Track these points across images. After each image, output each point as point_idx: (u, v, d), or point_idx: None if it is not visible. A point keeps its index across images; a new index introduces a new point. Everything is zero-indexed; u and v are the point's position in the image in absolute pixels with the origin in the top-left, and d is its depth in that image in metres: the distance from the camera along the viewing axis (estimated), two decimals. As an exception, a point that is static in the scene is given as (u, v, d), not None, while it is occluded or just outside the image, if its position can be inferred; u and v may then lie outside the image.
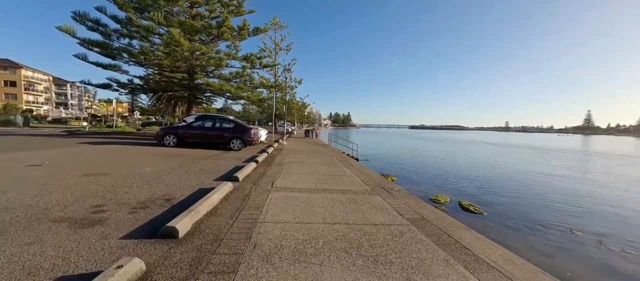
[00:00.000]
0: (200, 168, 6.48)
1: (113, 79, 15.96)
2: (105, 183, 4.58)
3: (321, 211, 3.79)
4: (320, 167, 8.07)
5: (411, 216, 3.82)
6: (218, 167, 6.90)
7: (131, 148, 10.05)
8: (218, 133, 10.97)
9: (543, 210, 8.05)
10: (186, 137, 10.80)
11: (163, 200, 3.80)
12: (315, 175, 6.55)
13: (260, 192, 4.68)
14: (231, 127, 11.17)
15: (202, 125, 11.06)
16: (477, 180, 12.56)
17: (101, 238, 2.53)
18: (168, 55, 13.78)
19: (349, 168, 8.20)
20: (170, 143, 10.69)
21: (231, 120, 11.35)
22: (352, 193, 4.99)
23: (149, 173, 5.57)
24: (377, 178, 6.78)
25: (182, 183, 4.93)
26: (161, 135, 10.75)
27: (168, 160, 7.45)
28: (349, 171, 7.55)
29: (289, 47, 38.22)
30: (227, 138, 10.92)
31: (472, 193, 9.83)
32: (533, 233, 6.07)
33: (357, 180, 6.34)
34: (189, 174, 5.75)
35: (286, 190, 4.89)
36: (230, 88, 15.34)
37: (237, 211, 3.58)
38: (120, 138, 14.60)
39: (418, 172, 14.47)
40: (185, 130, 10.86)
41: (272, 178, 5.92)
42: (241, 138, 11.00)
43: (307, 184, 5.50)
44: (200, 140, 10.90)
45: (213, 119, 11.18)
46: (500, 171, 15.72)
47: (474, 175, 13.91)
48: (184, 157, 8.33)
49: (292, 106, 43.05)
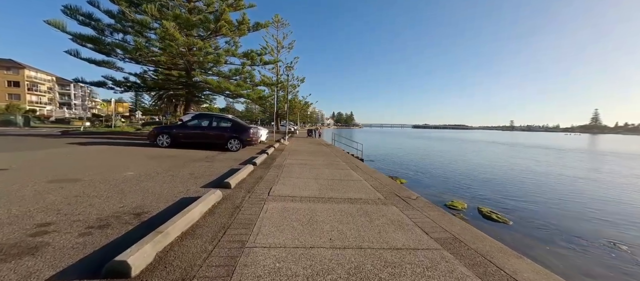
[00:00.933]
0: (190, 172, 5.76)
1: (108, 77, 15.37)
2: (70, 192, 3.88)
3: (327, 229, 3.04)
4: (324, 169, 7.31)
5: (440, 235, 3.05)
6: (210, 170, 6.18)
7: (121, 148, 9.39)
8: (215, 133, 10.27)
9: (574, 218, 7.21)
10: (181, 137, 10.12)
11: (132, 215, 3.07)
12: (319, 180, 5.80)
13: (254, 201, 3.94)
14: (229, 126, 10.46)
15: (198, 124, 10.37)
16: (493, 183, 11.71)
17: (19, 280, 1.80)
18: (164, 51, 13.13)
19: (356, 171, 7.43)
20: (164, 144, 10.01)
21: (229, 119, 10.65)
22: (362, 202, 4.24)
23: (129, 179, 4.86)
24: (389, 183, 6.00)
25: (163, 191, 4.21)
26: (154, 135, 10.08)
27: (156, 162, 6.75)
28: (356, 174, 6.78)
29: (291, 45, 37.53)
30: (224, 138, 10.22)
31: (490, 198, 9.00)
32: (571, 248, 5.25)
33: (366, 185, 5.57)
34: (175, 179, 5.03)
35: (285, 199, 4.15)
36: (229, 85, 14.63)
37: (222, 229, 2.84)
38: (115, 138, 14.00)
39: (427, 174, 13.65)
40: (179, 130, 10.18)
41: (269, 183, 5.18)
42: (239, 138, 10.30)
43: (309, 191, 4.75)
44: (195, 141, 10.21)
45: (209, 118, 10.49)
46: (515, 173, 14.82)
47: (488, 177, 13.05)
48: (176, 158, 7.63)
49: (295, 105, 42.36)
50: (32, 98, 60.19)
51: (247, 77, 16.13)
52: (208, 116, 10.63)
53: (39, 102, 61.90)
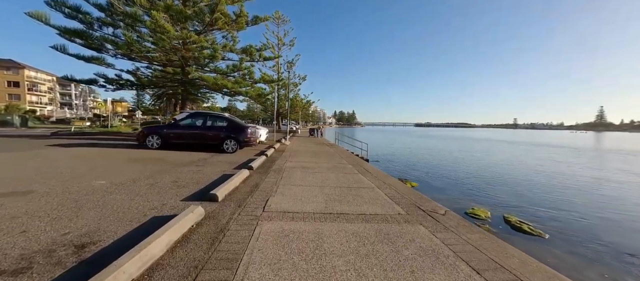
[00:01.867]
0: (174, 180, 4.94)
1: (100, 74, 14.61)
2: (9, 210, 3.06)
3: (341, 266, 2.19)
4: (329, 174, 6.47)
5: (499, 277, 2.19)
6: (198, 176, 5.36)
7: (105, 151, 8.59)
8: (209, 133, 9.46)
9: (620, 229, 6.30)
10: (172, 137, 9.31)
11: (72, 249, 2.24)
12: (325, 188, 4.95)
13: (245, 221, 3.10)
14: (224, 125, 9.64)
15: (191, 123, 9.56)
16: (512, 186, 10.79)
17: None
18: (156, 45, 12.33)
19: (365, 175, 6.57)
20: (154, 145, 9.21)
21: (225, 118, 9.83)
22: (381, 220, 3.39)
23: (96, 189, 4.05)
24: (406, 192, 5.14)
25: (132, 206, 3.39)
26: (143, 136, 9.28)
27: (138, 167, 5.94)
28: (367, 180, 5.92)
29: (292, 42, 36.72)
30: (219, 139, 9.40)
31: (514, 205, 8.10)
32: (630, 270, 4.36)
33: (380, 194, 4.72)
34: (152, 189, 4.21)
35: (283, 217, 3.30)
36: (227, 83, 13.76)
37: (192, 272, 2.00)
38: (106, 139, 13.21)
39: (438, 176, 12.75)
40: (170, 130, 9.37)
41: (266, 194, 4.34)
42: (236, 138, 9.47)
43: (313, 204, 3.91)
44: (188, 141, 9.40)
45: (204, 117, 9.67)
46: (535, 174, 13.82)
47: (505, 179, 12.12)
48: (162, 162, 6.81)
49: (296, 104, 41.54)
50: (33, 98, 59.82)
51: (246, 74, 15.31)
52: (202, 115, 9.81)
53: (40, 102, 61.53)
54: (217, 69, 14.75)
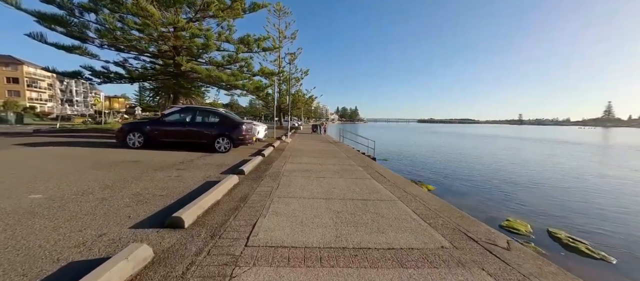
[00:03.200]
0: (137, 192, 3.83)
1: (87, 66, 13.54)
2: None
3: None
4: (337, 179, 5.32)
5: None
6: (172, 186, 4.24)
7: (75, 151, 7.46)
8: (198, 129, 8.33)
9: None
10: (156, 135, 8.20)
11: None
12: (333, 201, 3.82)
13: (212, 272, 1.97)
14: (216, 121, 8.51)
15: (179, 120, 8.44)
16: (543, 190, 9.53)
17: None
18: (141, 32, 11.20)
19: (380, 181, 5.42)
20: (135, 144, 8.11)
21: (217, 113, 8.70)
22: (419, 259, 2.25)
23: (16, 209, 2.95)
24: (439, 206, 3.98)
25: (43, 243, 2.27)
26: (122, 134, 8.18)
27: (101, 174, 4.84)
28: (384, 188, 4.77)
29: (294, 35, 35.48)
30: (210, 137, 8.29)
31: (552, 213, 6.91)
32: None
33: (407, 211, 3.57)
34: (99, 208, 3.10)
35: (275, 259, 2.17)
36: (222, 75, 12.58)
37: None
38: (89, 136, 12.05)
39: (454, 177, 11.54)
40: (154, 127, 8.25)
41: (254, 213, 3.22)
42: (229, 136, 8.35)
43: (319, 230, 2.78)
44: (174, 140, 8.29)
45: (193, 112, 8.53)
46: (564, 175, 12.42)
47: (532, 182, 10.85)
48: (137, 165, 5.71)
49: (298, 99, 40.34)
50: (32, 94, 59.23)
51: (244, 66, 14.15)
52: (191, 110, 8.67)
53: (40, 98, 60.96)
54: (212, 60, 13.62)
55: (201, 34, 11.95)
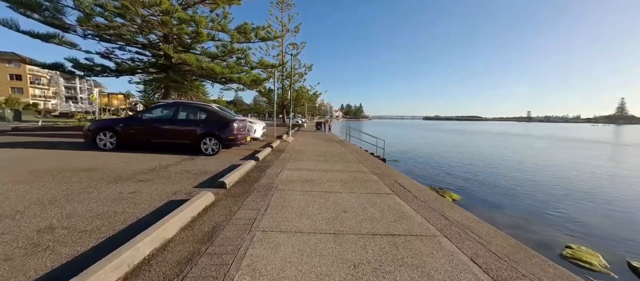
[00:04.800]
0: (51, 224, 2.58)
1: (71, 58, 12.43)
2: None
3: None
4: (347, 196, 4.01)
5: None
6: (114, 212, 2.99)
7: (30, 153, 6.25)
8: (180, 128, 7.07)
9: None
10: (131, 134, 6.97)
11: None
12: (344, 241, 2.51)
13: None
14: (202, 118, 7.24)
15: (158, 117, 7.20)
16: (595, 202, 7.94)
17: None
18: (123, 17, 9.97)
19: (407, 199, 4.09)
20: (107, 145, 6.90)
21: (204, 109, 7.42)
22: None
23: None
24: (517, 253, 2.64)
25: None
26: (91, 133, 6.97)
27: (31, 187, 3.62)
28: (418, 214, 3.43)
29: (297, 28, 34.08)
30: (194, 136, 7.03)
31: (624, 237, 5.47)
32: None
33: (464, 260, 2.24)
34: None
35: None
36: (214, 66, 11.29)
37: None
38: (64, 135, 10.68)
39: (479, 182, 10.08)
40: (128, 125, 7.01)
41: (224, 262, 1.92)
42: (218, 135, 7.08)
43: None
44: (153, 140, 7.05)
45: (175, 107, 7.27)
46: (616, 183, 10.51)
47: (576, 189, 9.29)
48: (89, 174, 4.48)
49: (302, 95, 38.99)
50: (36, 91, 58.99)
51: (241, 58, 12.87)
52: (173, 105, 7.40)
53: (43, 95, 60.72)
54: (205, 51, 12.36)
55: (190, 20, 10.65)
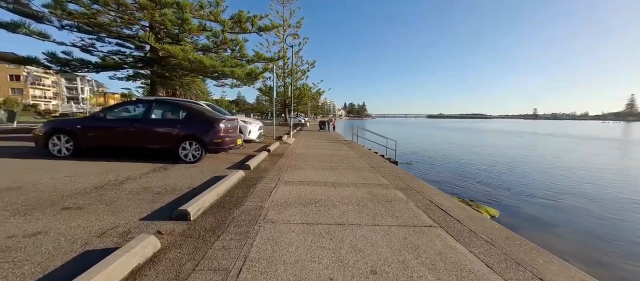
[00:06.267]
0: None
1: (49, 52, 11.22)
2: None
3: None
4: (369, 231, 2.59)
5: None
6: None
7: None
8: (153, 129, 5.72)
9: None
10: (91, 138, 5.65)
11: None
12: None
13: None
14: (181, 118, 5.89)
15: (126, 116, 5.88)
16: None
17: None
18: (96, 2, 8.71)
19: (466, 241, 2.67)
20: (62, 151, 5.59)
21: (183, 106, 6.07)
22: None
23: None
24: None
25: None
26: (43, 137, 5.66)
27: None
28: (493, 273, 2.00)
29: (299, 23, 32.66)
30: (171, 139, 5.68)
31: None
32: None
33: None
34: None
35: None
36: (202, 58, 9.90)
37: None
38: (16, 139, 9.29)
39: (519, 194, 8.34)
40: (89, 126, 5.69)
41: None
42: (200, 138, 5.73)
43: None
44: (119, 144, 5.73)
45: (147, 105, 5.93)
46: None
47: None
48: (5, 196, 3.14)
49: (304, 93, 37.54)
50: (36, 92, 58.40)
51: (235, 49, 11.53)
52: (146, 102, 6.05)
53: (44, 96, 60.15)
54: (196, 43, 11.05)
55: (172, 2, 9.29)
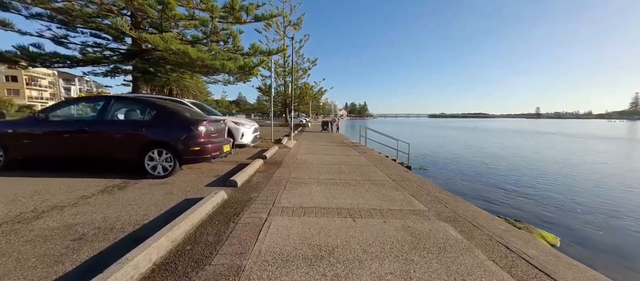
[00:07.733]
0: None
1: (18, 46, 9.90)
2: None
3: None
4: None
5: None
6: None
7: None
8: (111, 134, 4.38)
9: None
10: (28, 146, 4.32)
11: None
12: None
13: None
14: (148, 119, 4.54)
15: (77, 117, 4.55)
16: None
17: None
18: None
19: None
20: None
21: (149, 104, 4.72)
22: None
23: None
24: None
25: None
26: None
27: None
28: None
29: (300, 19, 31.28)
30: (133, 148, 4.33)
31: None
32: None
33: None
34: None
35: None
36: (187, 49, 8.54)
37: None
38: None
39: (574, 212, 6.66)
40: (24, 131, 4.37)
41: None
42: (173, 146, 4.37)
43: None
44: (65, 153, 4.40)
45: (103, 102, 4.58)
46: None
47: None
48: None
49: (305, 93, 36.15)
50: (32, 93, 57.43)
51: (228, 41, 10.21)
52: (101, 99, 4.70)
53: (40, 97, 59.13)
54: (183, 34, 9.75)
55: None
